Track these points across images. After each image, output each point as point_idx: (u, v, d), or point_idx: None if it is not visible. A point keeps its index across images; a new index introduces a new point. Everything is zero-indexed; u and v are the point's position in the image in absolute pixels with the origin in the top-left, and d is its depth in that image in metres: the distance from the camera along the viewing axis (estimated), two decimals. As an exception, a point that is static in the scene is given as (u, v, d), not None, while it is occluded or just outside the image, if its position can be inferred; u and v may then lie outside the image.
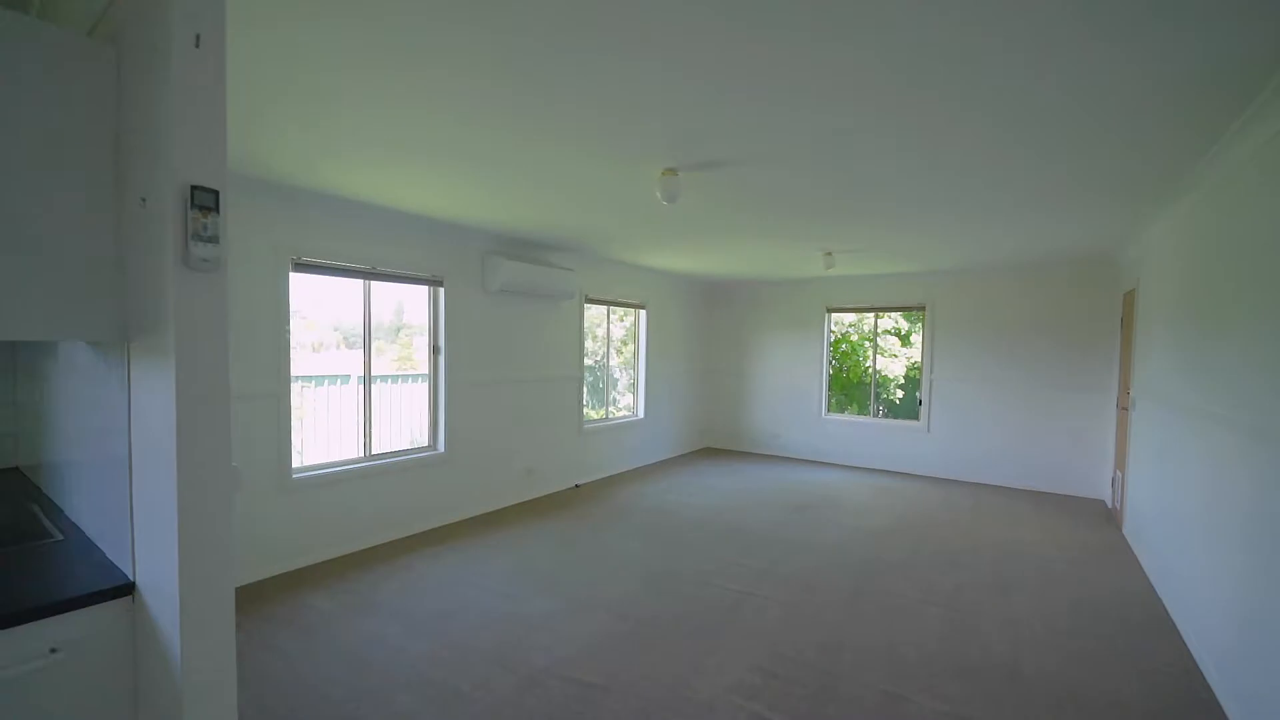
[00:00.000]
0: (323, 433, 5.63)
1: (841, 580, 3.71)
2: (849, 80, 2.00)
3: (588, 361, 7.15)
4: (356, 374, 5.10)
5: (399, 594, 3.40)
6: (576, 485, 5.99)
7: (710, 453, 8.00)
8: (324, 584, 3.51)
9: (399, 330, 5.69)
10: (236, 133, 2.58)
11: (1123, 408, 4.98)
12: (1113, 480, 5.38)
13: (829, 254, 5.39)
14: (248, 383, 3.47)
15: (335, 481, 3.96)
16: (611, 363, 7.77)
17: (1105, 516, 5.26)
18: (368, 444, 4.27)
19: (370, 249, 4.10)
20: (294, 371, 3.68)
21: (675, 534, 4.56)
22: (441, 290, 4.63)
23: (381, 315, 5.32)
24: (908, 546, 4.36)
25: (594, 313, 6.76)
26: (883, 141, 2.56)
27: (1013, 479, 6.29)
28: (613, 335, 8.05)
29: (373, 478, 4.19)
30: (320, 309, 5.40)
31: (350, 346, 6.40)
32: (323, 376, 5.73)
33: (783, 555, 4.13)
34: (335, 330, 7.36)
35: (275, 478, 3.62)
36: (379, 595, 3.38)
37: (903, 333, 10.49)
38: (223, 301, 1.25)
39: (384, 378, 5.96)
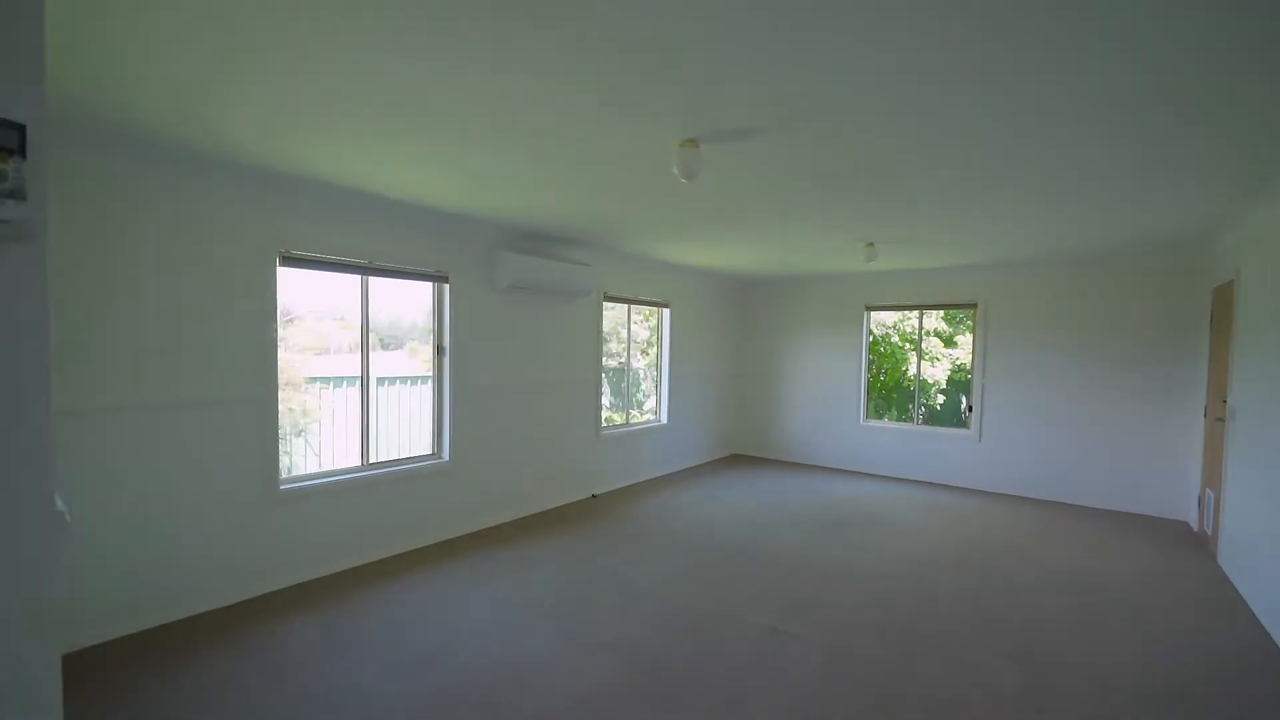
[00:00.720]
0: (348, 436, 5.45)
1: (890, 618, 3.22)
2: (915, 37, 1.55)
3: (612, 363, 6.77)
4: (390, 374, 4.85)
5: (386, 623, 3.05)
6: (593, 495, 5.60)
7: (738, 460, 7.52)
8: (306, 608, 3.19)
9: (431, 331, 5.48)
10: (205, 108, 2.27)
11: (1216, 418, 4.33)
12: (1200, 500, 4.72)
13: (871, 245, 4.86)
14: (226, 386, 3.18)
15: (328, 493, 3.65)
16: (636, 364, 7.38)
17: (1192, 541, 4.60)
18: (366, 452, 3.95)
19: (367, 242, 3.78)
20: (325, 373, 3.37)
21: (697, 556, 4.12)
22: (446, 287, 4.30)
23: (416, 315, 5.08)
24: (966, 576, 3.83)
25: (618, 312, 6.37)
26: (947, 103, 2.08)
27: (1077, 495, 5.64)
28: (638, 335, 7.67)
29: (370, 489, 3.87)
30: (360, 310, 5.18)
31: (387, 348, 6.21)
32: (343, 378, 5.56)
33: (820, 585, 3.65)
34: (372, 331, 7.17)
35: (259, 490, 3.32)
36: (364, 624, 3.04)
37: (945, 334, 9.81)
38: (38, 283, 0.89)
39: (405, 379, 5.74)
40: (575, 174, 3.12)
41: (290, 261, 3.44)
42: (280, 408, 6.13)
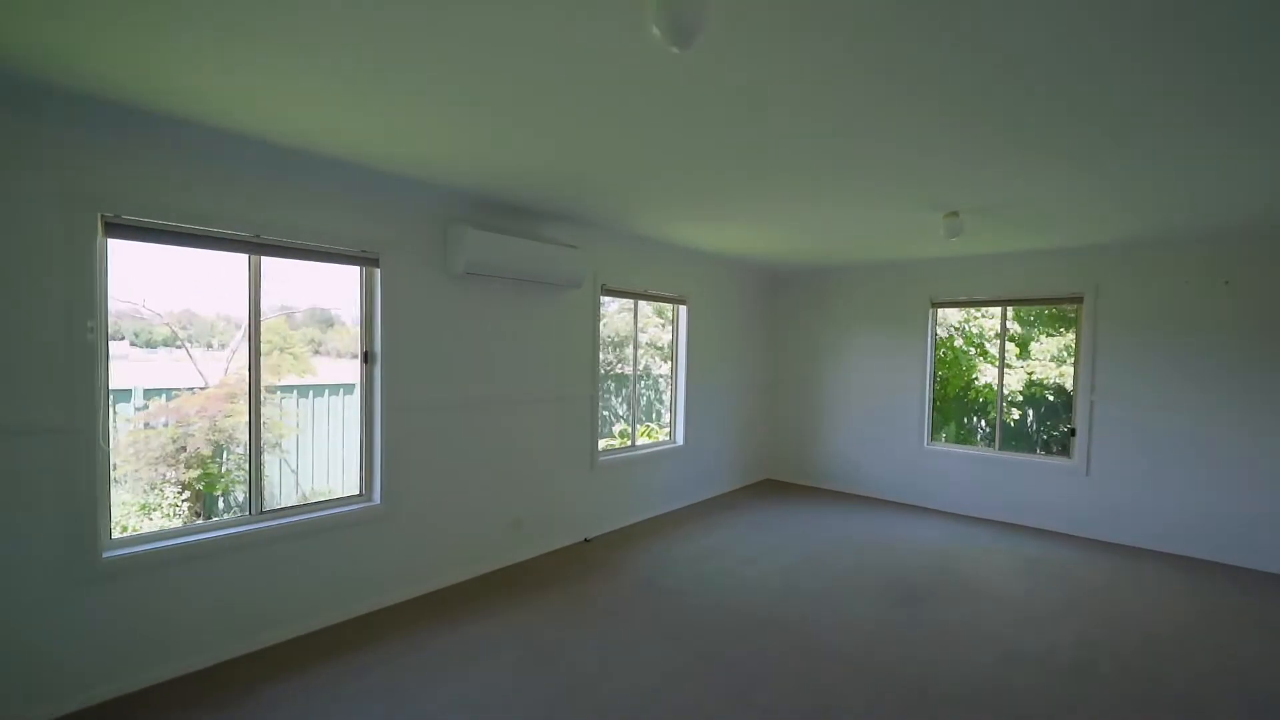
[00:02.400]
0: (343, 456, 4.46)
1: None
2: None
3: (624, 370, 5.64)
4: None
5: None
6: (586, 539, 4.45)
7: (771, 488, 6.26)
8: (116, 746, 2.13)
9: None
10: None
11: None
12: None
13: (953, 215, 3.59)
14: (14, 411, 2.15)
15: (187, 559, 2.59)
16: (658, 372, 6.23)
17: None
18: (255, 496, 2.89)
19: (254, 208, 2.73)
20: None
21: (713, 645, 2.91)
22: (377, 272, 3.23)
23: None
24: (1111, 689, 2.52)
25: (637, 311, 5.23)
26: None
27: (1229, 552, 4.20)
28: (659, 339, 6.52)
29: (259, 549, 2.81)
30: (246, 299, 4.25)
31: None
32: (339, 386, 4.65)
33: (893, 710, 2.41)
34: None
35: (70, 560, 2.28)
36: (189, 781, 1.96)
37: (1019, 337, 8.33)
38: None
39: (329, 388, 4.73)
40: (525, 78, 1.98)
41: (121, 231, 2.41)
42: (233, 421, 5.22)
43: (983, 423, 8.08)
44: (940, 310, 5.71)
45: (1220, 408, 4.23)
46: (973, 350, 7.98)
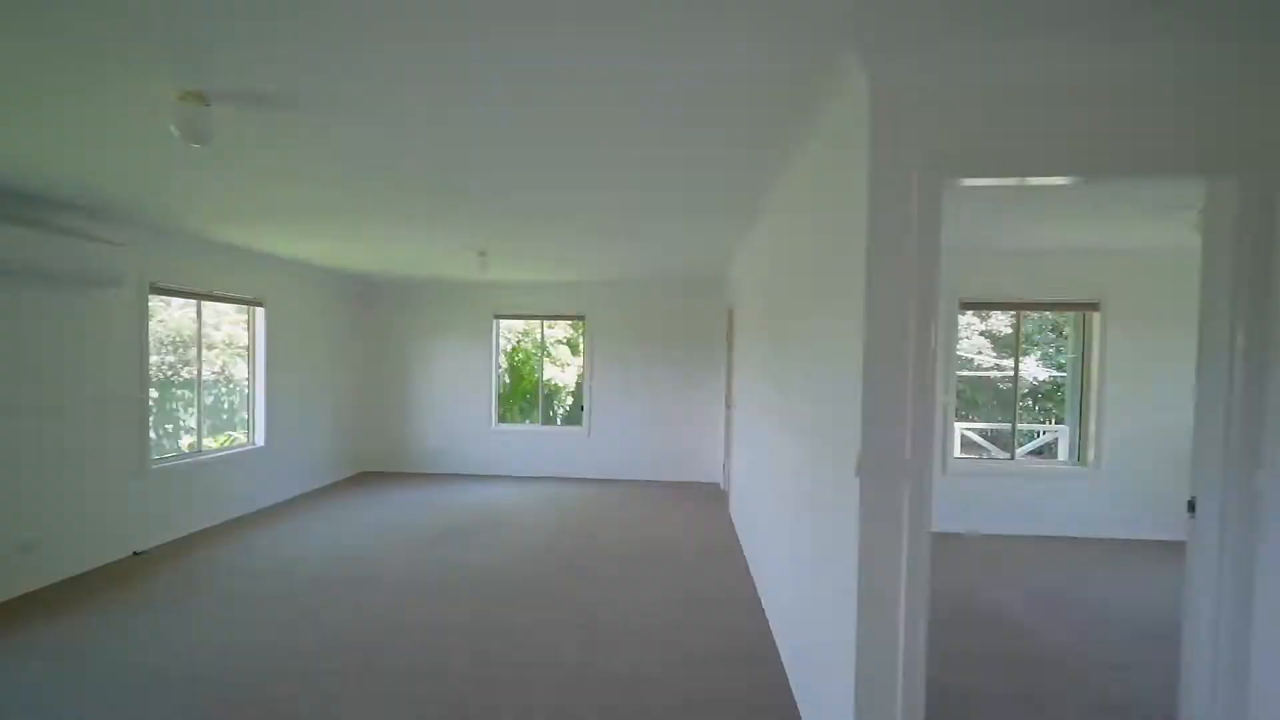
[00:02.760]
0: None
1: (464, 640, 3.30)
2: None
3: (207, 373, 5.27)
4: None
5: None
6: (135, 553, 4.22)
7: (367, 478, 6.84)
8: None
9: None
10: None
11: (730, 406, 5.95)
12: (724, 467, 6.41)
13: (482, 254, 5.04)
14: None
15: None
16: (242, 376, 5.93)
17: (721, 498, 6.20)
18: None
19: None
20: None
21: (281, 600, 3.48)
22: None
23: None
24: (589, 559, 4.25)
25: (199, 316, 4.99)
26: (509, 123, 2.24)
27: (657, 472, 6.99)
28: (237, 338, 6.19)
29: None
30: None
31: None
32: None
33: (430, 597, 3.52)
34: None
35: None
36: None
37: (573, 342, 11.06)
38: None
39: None
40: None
41: None
42: None
43: (555, 407, 10.46)
44: (503, 321, 7.36)
45: (653, 386, 6.99)
46: (540, 353, 10.24)
